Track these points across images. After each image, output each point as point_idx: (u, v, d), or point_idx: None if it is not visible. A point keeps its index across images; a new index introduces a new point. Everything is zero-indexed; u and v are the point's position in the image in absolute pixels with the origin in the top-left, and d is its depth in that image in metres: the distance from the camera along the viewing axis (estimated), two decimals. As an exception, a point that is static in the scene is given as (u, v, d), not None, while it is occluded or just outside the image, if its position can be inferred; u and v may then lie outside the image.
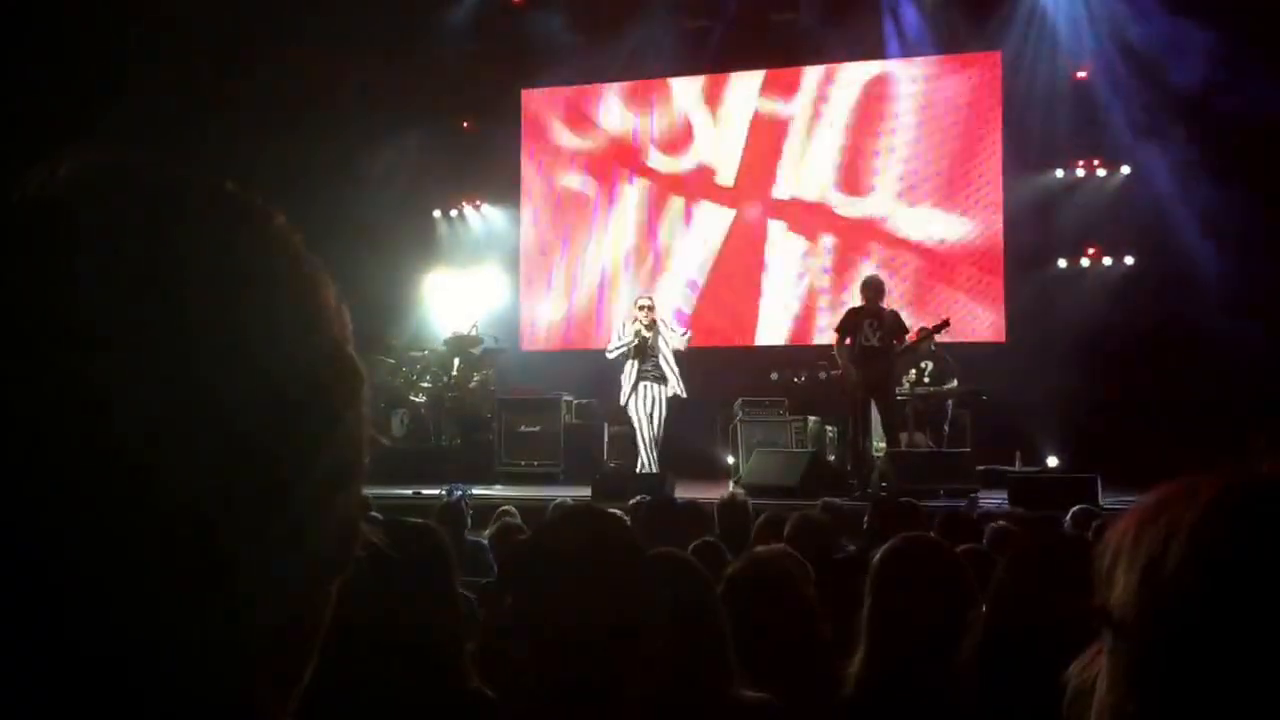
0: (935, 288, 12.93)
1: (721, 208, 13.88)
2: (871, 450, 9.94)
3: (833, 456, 10.62)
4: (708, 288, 13.79)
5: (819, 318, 13.15)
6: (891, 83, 13.30)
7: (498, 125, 14.47)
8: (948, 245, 12.99)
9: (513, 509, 6.41)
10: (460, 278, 14.20)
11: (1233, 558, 0.73)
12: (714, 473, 11.10)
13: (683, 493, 8.75)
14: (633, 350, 10.17)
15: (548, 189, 14.58)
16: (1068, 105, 12.47)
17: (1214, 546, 0.73)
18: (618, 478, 9.66)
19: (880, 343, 9.53)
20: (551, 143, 14.57)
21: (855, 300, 10.24)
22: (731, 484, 10.03)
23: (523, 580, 1.77)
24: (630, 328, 10.31)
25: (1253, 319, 10.44)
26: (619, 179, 14.28)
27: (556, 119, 14.55)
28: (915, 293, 12.77)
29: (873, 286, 9.83)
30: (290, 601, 0.56)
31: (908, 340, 9.83)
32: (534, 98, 14.54)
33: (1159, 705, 0.74)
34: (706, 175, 13.96)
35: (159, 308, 0.52)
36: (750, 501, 6.56)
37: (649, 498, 6.21)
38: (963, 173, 13.00)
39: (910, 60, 13.20)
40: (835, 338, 9.95)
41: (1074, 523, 5.79)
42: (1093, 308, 11.84)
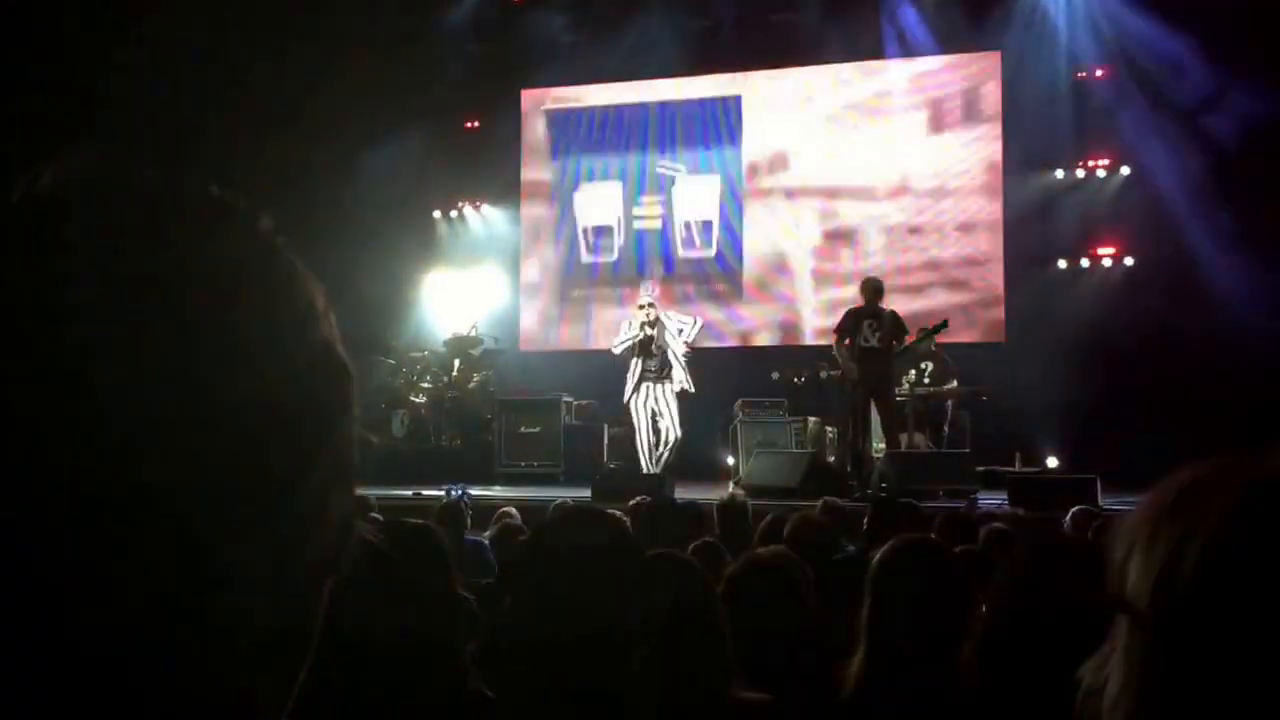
0: (935, 288, 12.93)
1: (721, 208, 13.88)
2: (871, 451, 9.94)
3: (832, 457, 10.62)
4: (708, 288, 13.79)
5: (818, 318, 13.15)
6: (891, 82, 13.30)
7: (498, 125, 14.48)
8: (947, 245, 12.99)
9: (513, 510, 6.41)
10: (460, 278, 14.20)
11: (1251, 566, 0.72)
12: (714, 473, 11.10)
13: (682, 493, 8.75)
14: (636, 347, 10.12)
15: (548, 188, 14.59)
16: (1068, 105, 12.48)
17: (1232, 553, 0.73)
18: (618, 478, 9.65)
19: (879, 343, 9.53)
20: (552, 142, 14.59)
21: (854, 300, 10.23)
22: (731, 485, 10.03)
23: (523, 581, 1.77)
24: (634, 325, 10.26)
25: (1253, 319, 10.45)
26: (623, 173, 14.29)
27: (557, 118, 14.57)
28: (915, 293, 12.77)
29: (872, 287, 9.83)
30: (287, 602, 0.56)
31: (907, 340, 9.83)
32: (534, 98, 14.54)
33: (1172, 707, 0.74)
34: (707, 172, 13.98)
35: (151, 309, 0.52)
36: (750, 502, 6.56)
37: (649, 498, 6.20)
38: (962, 172, 13.00)
39: (910, 60, 13.21)
40: (834, 338, 9.95)
41: (1074, 523, 5.78)
42: (1093, 308, 11.85)
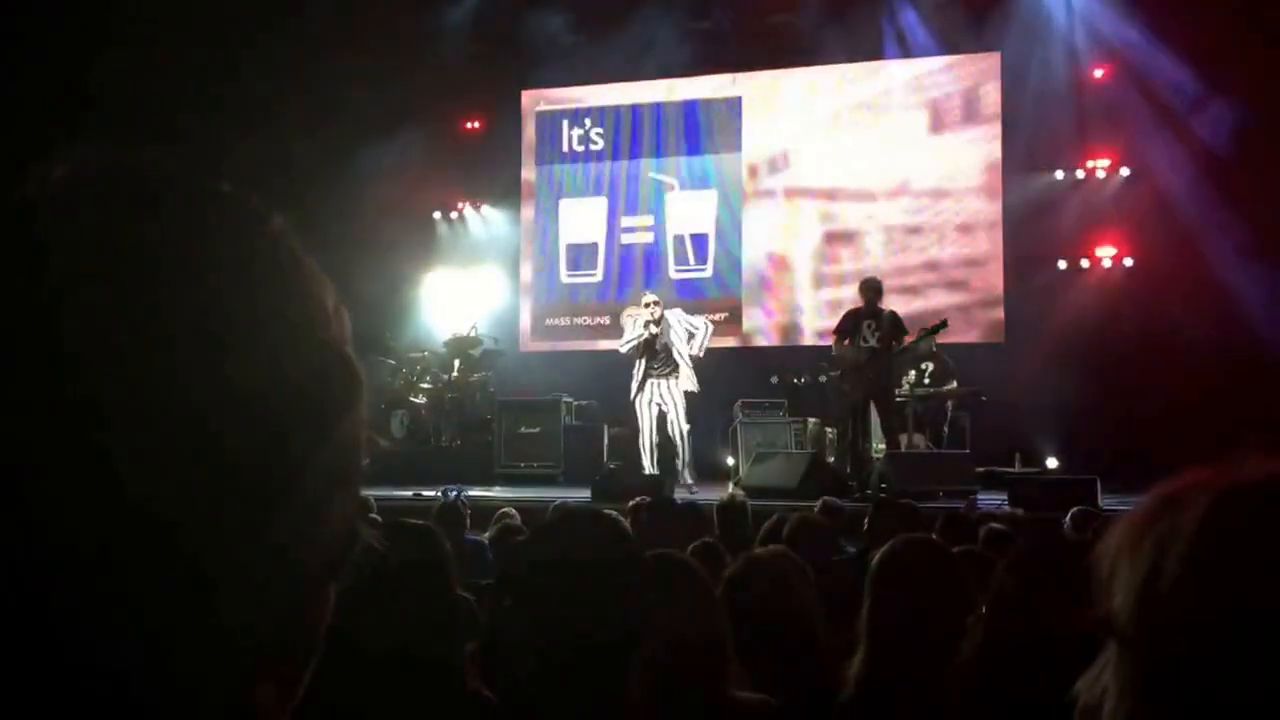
0: (934, 288, 12.93)
1: (721, 204, 13.88)
2: (871, 452, 9.93)
3: (832, 458, 10.62)
4: (707, 287, 13.79)
5: (818, 319, 13.14)
6: (890, 83, 13.30)
7: (498, 126, 14.48)
8: (947, 245, 12.99)
9: (513, 510, 6.40)
10: (460, 279, 14.20)
11: (1229, 567, 0.72)
12: (714, 474, 11.10)
13: (682, 494, 8.75)
14: (641, 346, 10.07)
15: (548, 187, 14.60)
16: (1068, 105, 12.48)
17: (1210, 555, 0.73)
18: (617, 479, 9.63)
19: (879, 344, 9.54)
20: (552, 140, 14.59)
21: (854, 301, 10.23)
22: (731, 485, 10.02)
23: (522, 582, 1.77)
24: (638, 324, 10.20)
25: (1253, 319, 10.45)
26: (618, 177, 14.28)
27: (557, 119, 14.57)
28: (914, 293, 12.77)
29: (871, 287, 9.83)
30: (287, 606, 0.55)
31: (906, 341, 9.83)
32: (534, 98, 14.54)
33: (1165, 717, 0.74)
34: (707, 172, 13.97)
35: (143, 309, 0.51)
36: (750, 503, 6.56)
37: (648, 499, 6.20)
38: (962, 173, 13.00)
39: (910, 60, 13.21)
40: (834, 339, 9.95)
41: (1073, 524, 5.78)
42: (1092, 308, 11.84)
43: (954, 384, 10.90)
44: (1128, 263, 12.30)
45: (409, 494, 9.01)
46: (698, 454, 10.60)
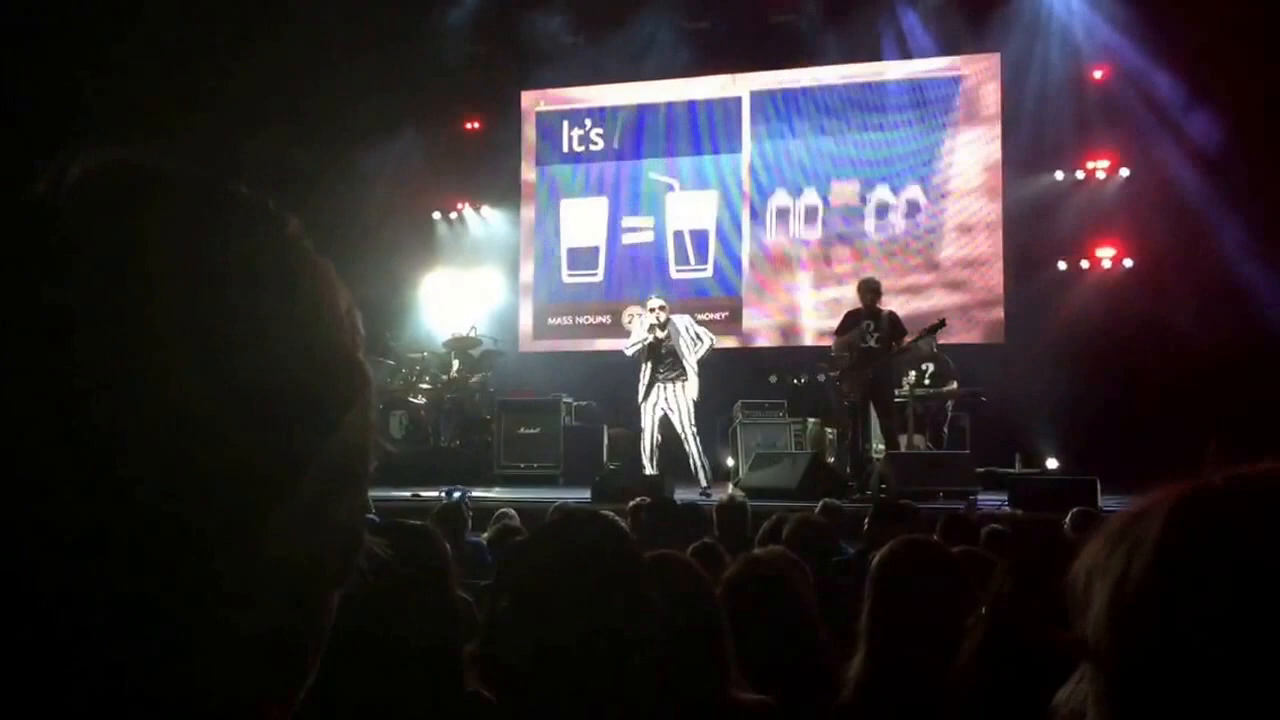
0: (934, 289, 12.93)
1: (721, 205, 13.88)
2: (871, 452, 9.93)
3: (832, 459, 10.62)
4: (708, 286, 13.79)
5: (818, 319, 13.14)
6: (890, 83, 13.30)
7: (497, 126, 14.48)
8: (947, 246, 12.99)
9: (512, 511, 6.40)
10: (459, 279, 14.21)
11: (1190, 572, 0.73)
12: (714, 475, 11.08)
13: (682, 495, 8.75)
14: (645, 350, 10.03)
15: (548, 187, 14.60)
16: (1068, 106, 12.48)
17: (1172, 562, 0.73)
18: (617, 480, 9.63)
19: (878, 344, 9.54)
20: (552, 141, 14.59)
21: (853, 302, 10.23)
22: (731, 486, 10.02)
23: (521, 582, 1.76)
24: (643, 326, 10.14)
25: (1253, 319, 10.45)
26: (621, 177, 14.28)
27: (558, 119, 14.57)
28: (914, 294, 12.77)
29: (869, 288, 9.83)
30: (290, 607, 0.55)
31: (905, 341, 9.83)
32: (534, 98, 14.54)
33: None
34: (706, 173, 13.98)
35: (156, 308, 0.51)
36: (749, 504, 6.56)
37: (648, 500, 6.20)
38: (962, 173, 13.00)
39: (910, 61, 13.21)
40: (834, 339, 9.96)
41: (1073, 525, 5.78)
42: (1092, 309, 11.84)
43: (954, 384, 10.90)
44: (1127, 263, 12.30)
45: (408, 495, 9.00)
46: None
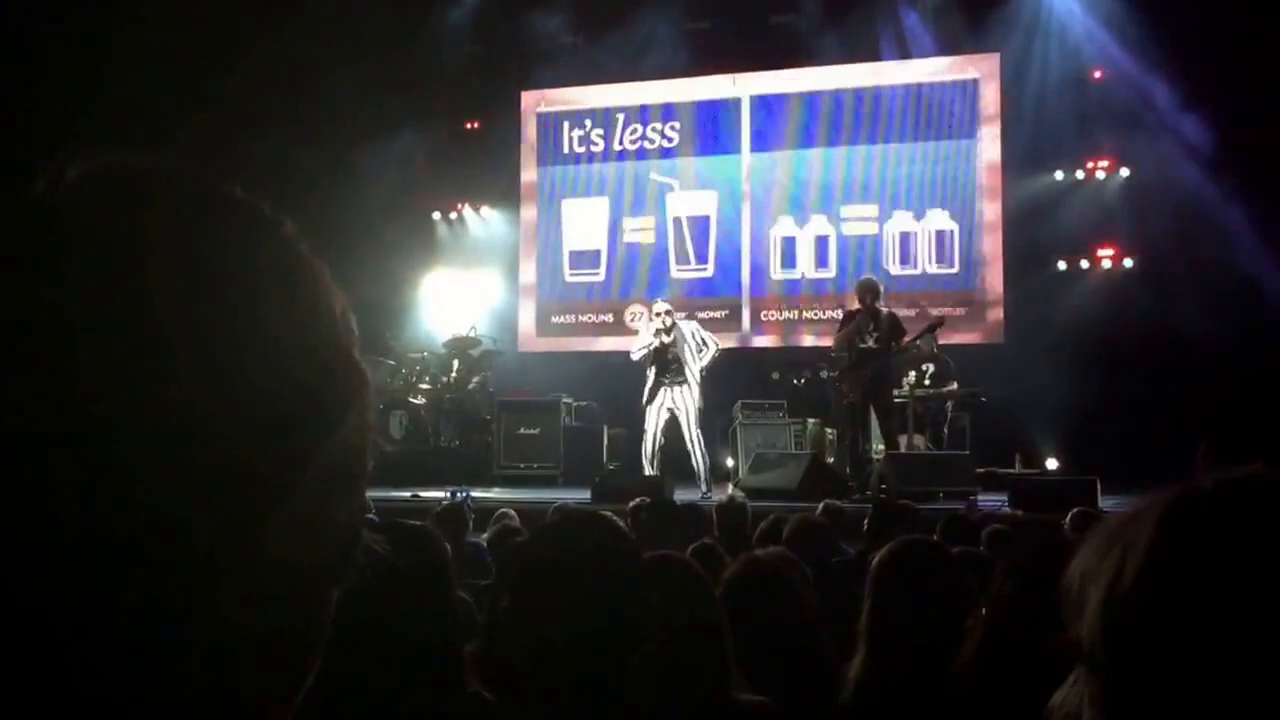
0: (934, 289, 12.92)
1: (720, 207, 13.88)
2: (871, 453, 9.93)
3: (832, 459, 10.61)
4: (707, 287, 13.78)
5: (818, 319, 13.14)
6: (890, 83, 13.30)
7: (497, 126, 14.48)
8: (947, 246, 12.99)
9: (511, 512, 6.40)
10: (459, 279, 14.21)
11: (1181, 574, 0.73)
12: (714, 475, 11.08)
13: (682, 496, 8.75)
14: (651, 355, 9.97)
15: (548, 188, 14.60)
16: (1068, 106, 12.48)
17: (1163, 564, 0.73)
18: (617, 480, 9.62)
19: (877, 344, 9.54)
20: (553, 142, 14.59)
21: (853, 302, 10.23)
22: (731, 487, 10.01)
23: (521, 583, 1.76)
24: (650, 330, 10.07)
25: (1253, 320, 10.44)
26: (622, 178, 14.28)
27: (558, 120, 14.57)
28: (914, 294, 12.76)
29: (868, 288, 9.83)
30: (288, 607, 0.55)
31: (903, 342, 9.83)
32: (534, 99, 14.54)
33: None
34: (706, 174, 13.98)
35: (153, 309, 0.52)
36: (749, 504, 6.56)
37: (648, 500, 6.19)
38: (962, 174, 13.00)
39: (910, 61, 13.21)
40: (834, 340, 9.96)
41: (1073, 525, 5.77)
42: (1092, 310, 11.84)
43: (954, 385, 10.89)
44: (1127, 263, 12.30)
45: (408, 495, 9.00)
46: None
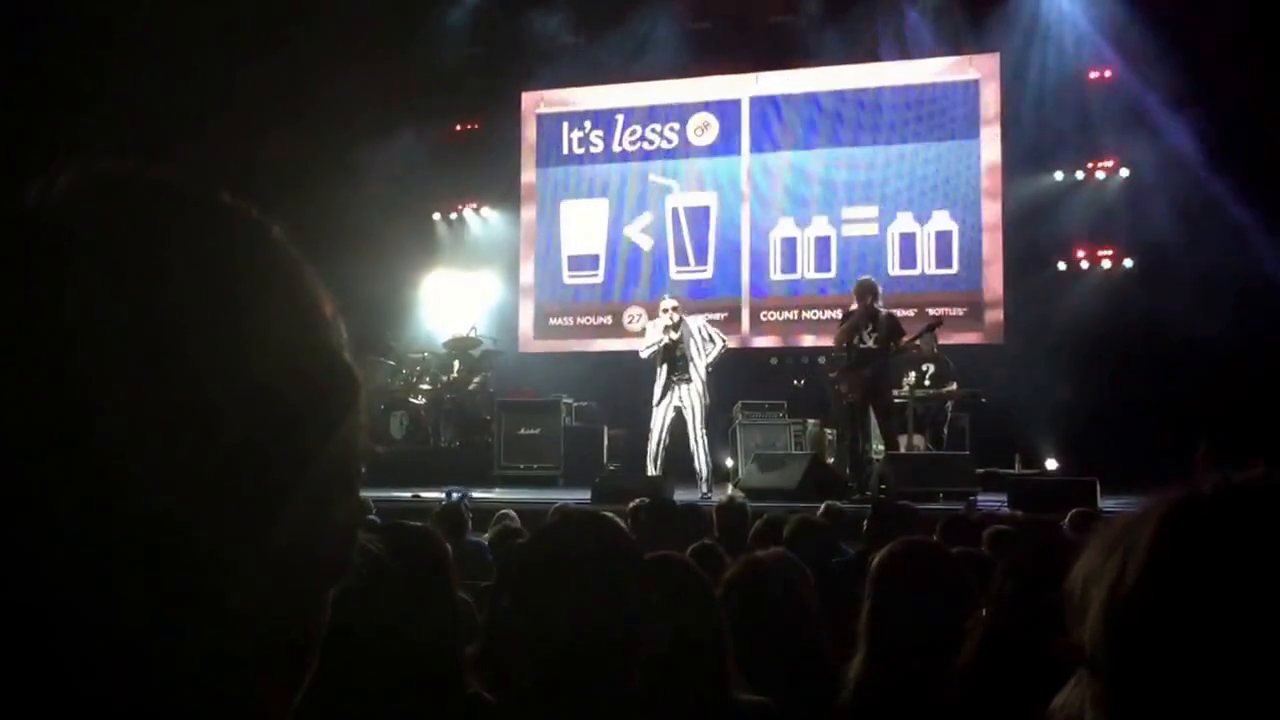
0: (934, 290, 12.92)
1: (720, 208, 13.88)
2: (870, 453, 9.93)
3: (832, 459, 10.61)
4: (707, 288, 13.78)
5: (817, 320, 13.14)
6: (890, 83, 13.30)
7: (497, 127, 14.48)
8: (946, 246, 12.99)
9: (511, 512, 6.39)
10: (459, 280, 14.21)
11: (1182, 576, 0.73)
12: (714, 476, 11.07)
13: (682, 496, 8.75)
14: (661, 353, 9.91)
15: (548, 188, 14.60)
16: (1068, 106, 12.48)
17: (1163, 567, 0.74)
18: (617, 481, 9.61)
19: (876, 345, 9.54)
20: (552, 143, 14.59)
21: (852, 303, 10.22)
22: (731, 487, 10.00)
23: (521, 583, 1.76)
24: (656, 328, 10.01)
25: (1252, 321, 10.44)
26: (622, 179, 14.28)
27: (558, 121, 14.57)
28: (913, 295, 12.76)
29: (867, 289, 9.83)
30: (285, 609, 0.56)
31: (902, 342, 9.83)
32: (534, 99, 14.54)
33: None
34: (706, 175, 13.98)
35: (158, 314, 0.52)
36: (749, 505, 6.56)
37: (648, 501, 6.19)
38: (962, 174, 13.00)
39: (910, 61, 13.20)
40: (834, 340, 9.96)
41: (1072, 525, 5.77)
42: (1092, 310, 11.84)
43: (954, 385, 10.89)
44: (1127, 263, 12.30)
45: (408, 495, 9.00)
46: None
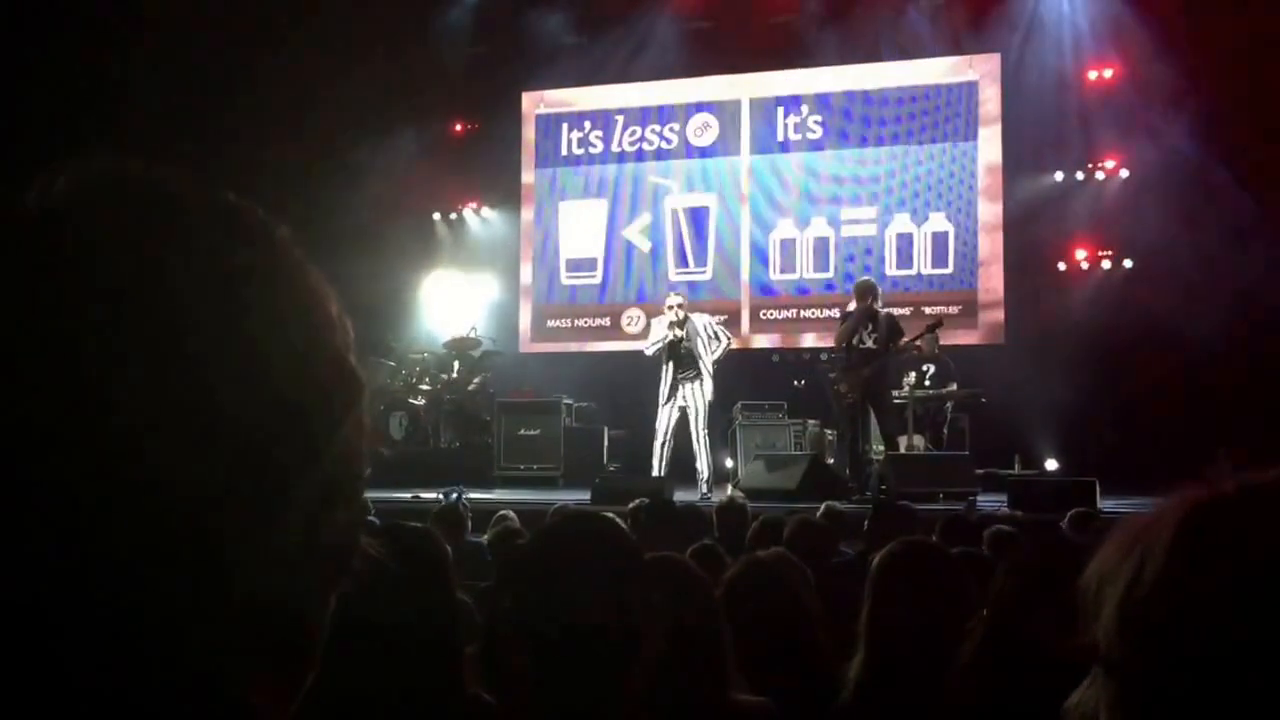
0: (934, 290, 12.92)
1: (720, 207, 13.88)
2: (870, 453, 9.93)
3: (832, 460, 10.61)
4: (706, 289, 13.78)
5: (816, 320, 13.14)
6: (891, 84, 13.30)
7: (497, 128, 14.48)
8: (946, 247, 12.99)
9: (510, 513, 6.39)
10: (460, 280, 14.21)
11: (1201, 577, 0.73)
12: (714, 477, 11.06)
13: (682, 497, 8.75)
14: (666, 350, 9.82)
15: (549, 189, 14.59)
16: (1068, 107, 12.48)
17: (1183, 567, 0.74)
18: (618, 481, 9.59)
19: (876, 345, 9.55)
20: (552, 144, 14.59)
21: (851, 303, 10.22)
22: (730, 488, 9.99)
23: (521, 584, 1.76)
24: (661, 325, 9.91)
25: (1252, 321, 10.45)
26: (620, 180, 14.27)
27: (558, 121, 14.57)
28: (914, 296, 12.76)
29: (867, 289, 9.84)
30: (288, 609, 0.56)
31: (901, 343, 9.83)
32: (533, 100, 14.54)
33: None
34: (705, 176, 13.98)
35: (164, 313, 0.52)
36: (749, 505, 6.56)
37: (648, 501, 6.19)
38: (962, 174, 13.00)
39: (910, 62, 13.20)
40: (834, 341, 9.96)
41: (1071, 525, 5.78)
42: (1092, 310, 11.84)
43: (954, 386, 10.89)
44: (1127, 263, 12.30)
45: (408, 496, 8.99)
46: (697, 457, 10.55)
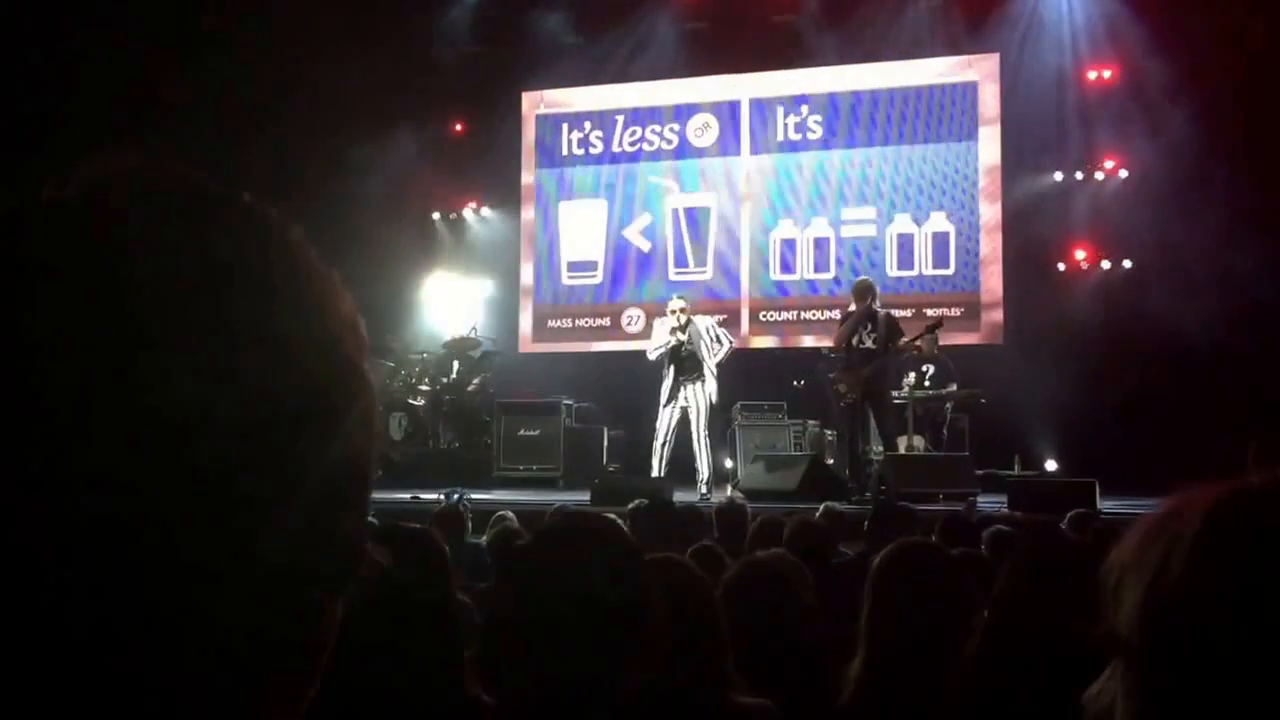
0: (934, 291, 12.92)
1: (719, 208, 13.88)
2: (870, 454, 9.93)
3: (832, 460, 10.61)
4: (706, 289, 13.78)
5: (816, 321, 13.14)
6: (890, 83, 13.30)
7: (497, 127, 14.48)
8: (946, 247, 12.99)
9: (510, 513, 6.38)
10: (460, 280, 14.21)
11: (1230, 569, 0.73)
12: (714, 478, 11.06)
13: (681, 497, 8.75)
14: (669, 354, 9.84)
15: (549, 189, 14.60)
16: (1068, 107, 12.48)
17: (1211, 558, 0.74)
18: (617, 482, 9.59)
19: (875, 345, 9.55)
20: (552, 144, 14.59)
21: (851, 304, 10.23)
22: (730, 488, 9.99)
23: (521, 585, 1.76)
24: (663, 328, 9.93)
25: (1252, 321, 10.44)
26: (620, 180, 14.28)
27: (558, 121, 14.57)
28: (914, 296, 12.76)
29: (866, 289, 9.84)
30: (284, 619, 0.55)
31: (901, 343, 9.83)
32: (533, 100, 14.54)
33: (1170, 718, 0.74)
34: (705, 176, 13.98)
35: (160, 314, 0.52)
36: (749, 506, 6.56)
37: (648, 502, 6.19)
38: (962, 174, 13.00)
39: (910, 62, 13.20)
40: (834, 341, 9.96)
41: (1071, 526, 5.77)
42: (1092, 311, 11.85)
43: (954, 386, 10.89)
44: (1127, 264, 12.30)
45: (407, 496, 9.00)
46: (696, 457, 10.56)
